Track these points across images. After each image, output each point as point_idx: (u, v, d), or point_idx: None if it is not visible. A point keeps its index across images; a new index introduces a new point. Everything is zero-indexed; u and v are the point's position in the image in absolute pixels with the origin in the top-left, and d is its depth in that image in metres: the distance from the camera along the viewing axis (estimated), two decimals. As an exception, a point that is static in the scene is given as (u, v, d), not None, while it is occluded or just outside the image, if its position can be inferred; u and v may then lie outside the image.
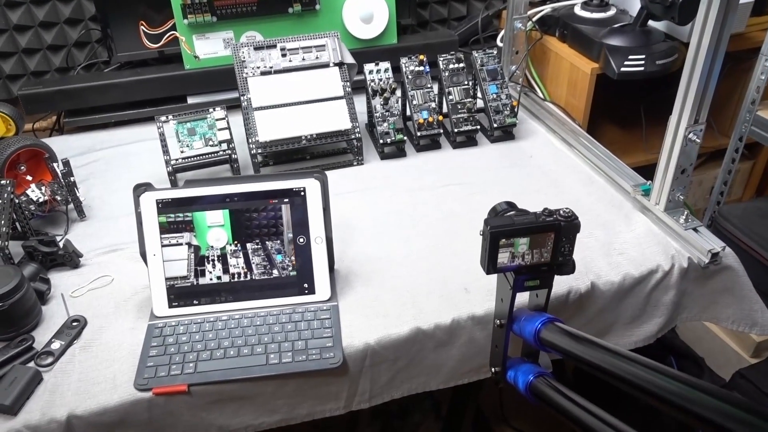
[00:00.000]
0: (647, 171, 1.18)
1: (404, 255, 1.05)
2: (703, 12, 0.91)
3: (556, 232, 0.76)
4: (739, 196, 1.87)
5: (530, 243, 0.76)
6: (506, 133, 1.38)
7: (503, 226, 0.74)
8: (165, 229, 0.93)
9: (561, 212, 0.77)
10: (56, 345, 0.89)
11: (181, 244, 0.93)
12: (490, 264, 0.76)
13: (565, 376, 1.49)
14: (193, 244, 0.94)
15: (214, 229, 0.94)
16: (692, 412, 0.56)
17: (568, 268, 0.81)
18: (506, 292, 0.81)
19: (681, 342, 1.51)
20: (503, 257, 0.76)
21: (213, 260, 0.94)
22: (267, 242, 0.95)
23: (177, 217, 0.93)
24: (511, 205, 0.82)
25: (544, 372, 0.82)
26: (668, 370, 0.61)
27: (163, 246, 0.93)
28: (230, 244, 0.94)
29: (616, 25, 1.43)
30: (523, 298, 0.85)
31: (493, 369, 0.89)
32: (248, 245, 0.95)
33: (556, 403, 0.75)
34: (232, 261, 0.94)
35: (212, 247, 0.94)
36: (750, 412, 0.53)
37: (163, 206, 0.93)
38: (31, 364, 0.87)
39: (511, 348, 0.86)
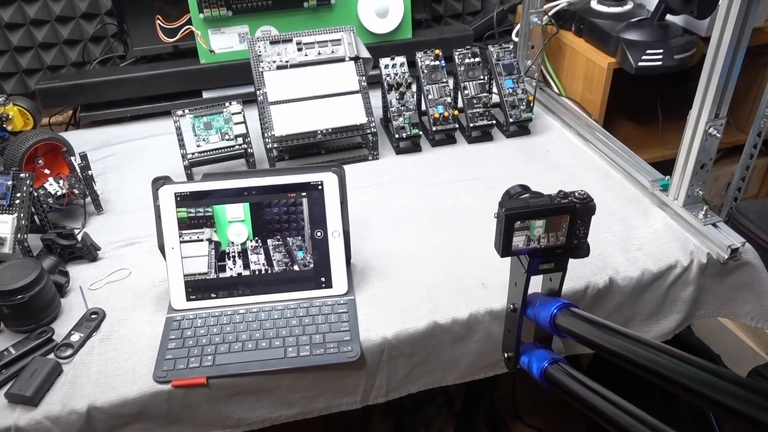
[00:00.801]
0: (664, 167, 1.17)
1: (420, 249, 1.04)
2: (725, 5, 0.90)
3: (571, 215, 0.75)
4: (756, 192, 1.85)
5: (546, 226, 0.75)
6: (522, 128, 1.37)
7: (518, 208, 0.73)
8: (185, 224, 0.93)
9: (576, 194, 0.76)
10: (75, 337, 0.90)
11: (201, 240, 0.94)
12: (504, 247, 0.75)
13: (579, 369, 1.48)
14: (213, 240, 0.94)
15: (235, 224, 0.94)
16: (713, 399, 0.56)
17: (583, 251, 0.80)
18: (520, 275, 0.80)
19: (696, 339, 1.49)
20: (518, 240, 0.75)
21: (234, 256, 0.94)
22: (288, 238, 0.95)
23: (198, 212, 0.93)
24: (524, 188, 0.81)
25: (558, 358, 0.81)
26: (690, 357, 0.60)
27: (183, 242, 0.93)
28: (251, 240, 0.94)
29: (633, 20, 1.42)
30: (536, 283, 0.84)
31: (506, 354, 0.89)
32: (269, 241, 0.95)
33: (572, 390, 0.74)
34: (252, 257, 0.94)
35: (233, 242, 0.94)
36: None
37: (182, 199, 0.93)
38: (51, 356, 0.88)
39: (524, 333, 0.86)
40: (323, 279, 0.95)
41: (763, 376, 1.31)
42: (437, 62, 1.32)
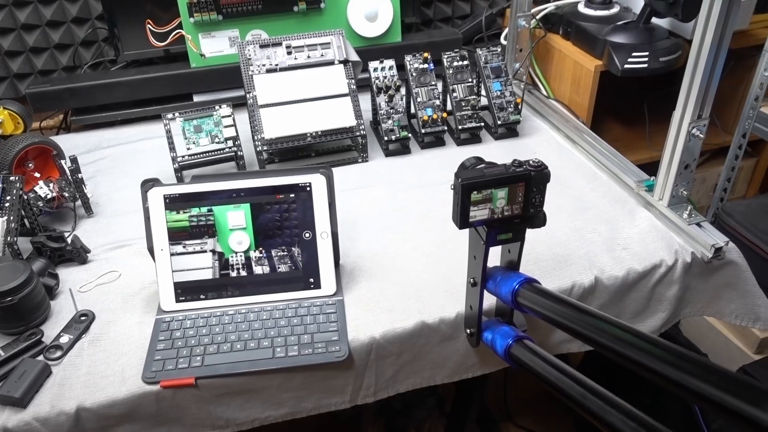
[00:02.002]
0: (651, 168, 1.19)
1: (409, 250, 1.05)
2: (706, 8, 0.92)
3: (527, 182, 0.76)
4: (743, 193, 1.87)
5: (500, 195, 0.75)
6: (510, 131, 1.38)
7: (474, 178, 0.74)
8: (187, 233, 0.94)
9: (530, 162, 0.77)
10: (65, 339, 0.90)
11: (205, 251, 0.94)
12: (462, 218, 0.76)
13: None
14: (217, 250, 0.94)
15: (236, 232, 0.95)
16: (664, 375, 0.57)
17: (539, 220, 0.80)
18: (479, 247, 0.80)
19: (684, 338, 1.51)
20: (475, 211, 0.75)
21: (238, 268, 0.95)
22: (292, 247, 0.96)
23: (200, 221, 0.94)
24: (479, 159, 0.82)
25: (523, 336, 0.82)
26: (648, 336, 0.61)
27: (187, 253, 0.94)
28: (254, 250, 0.95)
29: (619, 23, 1.43)
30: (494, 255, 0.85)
31: (468, 330, 0.89)
32: (273, 250, 0.95)
33: (535, 369, 0.75)
34: (257, 269, 0.95)
35: (235, 252, 0.95)
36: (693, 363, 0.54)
37: (171, 201, 0.94)
38: (40, 357, 0.88)
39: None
40: (312, 280, 0.96)
41: (750, 374, 1.32)
42: (426, 65, 1.33)
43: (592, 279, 0.99)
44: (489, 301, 0.89)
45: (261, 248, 0.95)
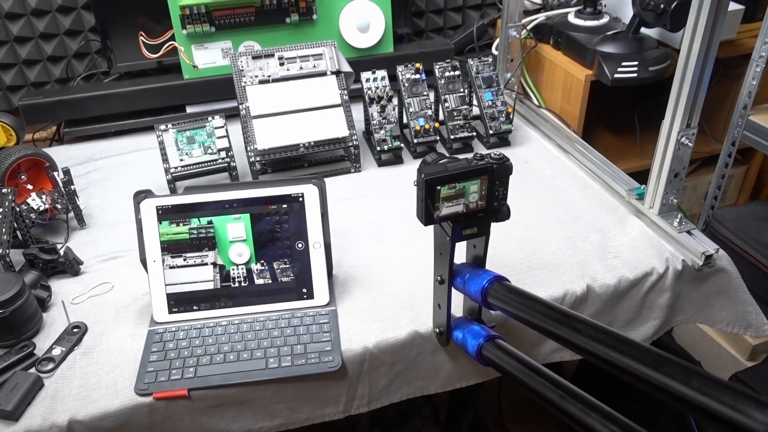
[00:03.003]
0: (642, 176, 1.20)
1: (402, 260, 1.06)
2: (693, 19, 0.93)
3: (490, 175, 0.76)
4: (734, 200, 1.88)
5: (472, 189, 0.75)
6: (502, 140, 1.39)
7: (437, 173, 0.74)
8: (187, 245, 0.94)
9: (492, 155, 0.77)
10: (57, 351, 0.90)
11: (206, 264, 0.94)
12: (427, 215, 0.75)
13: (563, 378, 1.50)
14: (218, 263, 0.95)
15: (236, 244, 0.95)
16: (631, 372, 0.57)
17: (503, 213, 0.81)
18: (445, 244, 0.80)
19: (677, 345, 1.51)
20: (439, 207, 0.76)
21: (240, 280, 0.95)
22: (286, 258, 0.96)
23: (200, 233, 0.94)
24: (441, 155, 0.82)
25: (495, 335, 0.82)
26: (621, 335, 0.62)
27: (188, 266, 0.94)
28: (255, 263, 0.95)
29: (609, 33, 1.45)
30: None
31: (437, 329, 0.89)
32: (275, 263, 0.96)
33: (507, 368, 0.76)
34: (259, 281, 0.96)
35: (236, 264, 0.95)
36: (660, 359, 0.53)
37: (163, 213, 0.94)
38: (32, 370, 0.88)
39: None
40: (305, 290, 0.96)
41: (743, 381, 1.33)
42: (418, 75, 1.34)
43: (584, 287, 0.99)
44: (458, 298, 0.88)
45: (262, 260, 0.95)
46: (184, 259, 0.94)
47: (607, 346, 0.60)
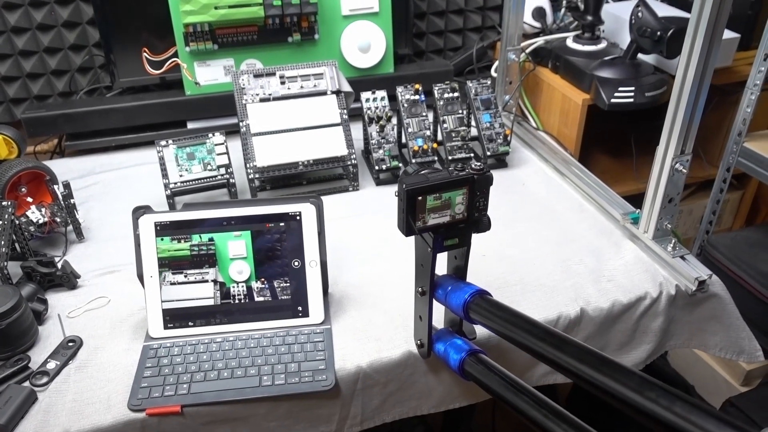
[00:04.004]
0: (639, 199, 1.20)
1: (398, 279, 1.06)
2: (687, 47, 0.95)
3: (470, 186, 0.77)
4: (729, 225, 1.89)
5: (458, 200, 0.76)
6: (499, 161, 1.40)
7: (418, 183, 0.74)
8: (188, 262, 0.95)
9: (472, 166, 0.78)
10: (52, 365, 0.90)
11: (206, 281, 0.95)
12: (408, 225, 0.76)
13: (557, 401, 1.50)
14: (218, 280, 0.95)
15: (237, 261, 0.96)
16: (614, 394, 0.57)
17: (484, 225, 0.81)
18: (426, 255, 0.80)
19: (672, 369, 1.52)
20: (425, 218, 0.76)
21: (240, 298, 0.96)
22: (291, 279, 0.97)
23: (201, 250, 0.94)
24: (422, 166, 0.83)
25: (477, 350, 0.82)
26: (601, 355, 0.61)
27: (189, 282, 0.95)
28: (255, 281, 0.96)
29: (606, 58, 1.47)
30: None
31: (418, 341, 0.89)
32: (275, 281, 0.96)
33: (488, 384, 0.75)
34: (258, 299, 0.96)
35: (236, 282, 0.96)
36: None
37: (161, 229, 0.94)
38: (26, 383, 0.88)
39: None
40: (300, 308, 0.97)
41: (736, 407, 1.33)
42: (417, 96, 1.35)
43: (578, 310, 1.00)
44: (439, 308, 0.88)
45: (262, 278, 0.96)
46: (185, 276, 0.95)
47: (590, 366, 0.60)
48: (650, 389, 0.53)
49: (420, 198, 0.74)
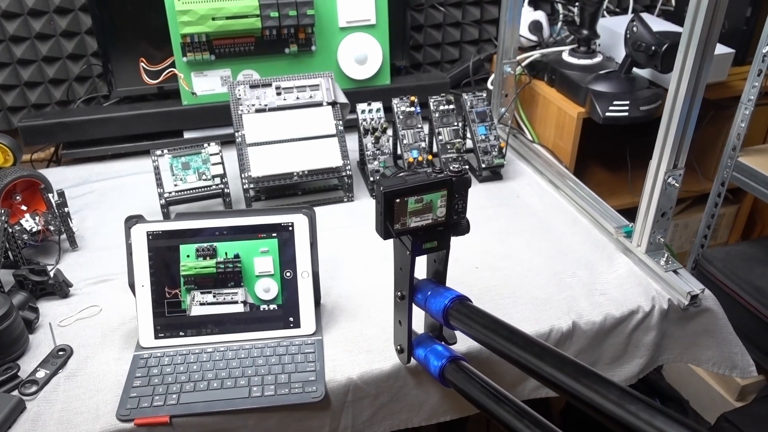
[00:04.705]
0: (633, 213, 1.21)
1: (390, 290, 1.05)
2: (680, 61, 0.95)
3: (449, 189, 0.76)
4: (725, 239, 1.89)
5: (439, 203, 0.75)
6: (494, 174, 1.41)
7: (395, 185, 0.74)
8: (212, 280, 0.95)
9: (451, 168, 0.78)
10: (41, 374, 0.90)
11: (236, 302, 0.95)
12: (386, 229, 0.75)
13: (551, 416, 1.49)
14: (248, 302, 0.95)
15: (263, 279, 0.96)
16: (593, 406, 0.56)
17: (463, 228, 0.81)
18: (405, 258, 0.80)
19: (666, 384, 1.51)
20: (402, 221, 0.75)
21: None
22: (283, 289, 0.97)
23: (227, 267, 0.94)
24: (400, 168, 0.83)
25: (458, 356, 0.82)
26: (582, 366, 0.60)
27: (217, 303, 0.95)
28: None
29: (602, 72, 1.47)
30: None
31: (398, 346, 0.89)
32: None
33: (468, 392, 0.75)
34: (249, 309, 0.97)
35: (264, 301, 0.96)
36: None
37: (154, 238, 0.95)
38: (15, 392, 0.88)
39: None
40: (291, 319, 0.97)
41: (730, 422, 1.32)
42: (413, 108, 1.36)
43: (569, 324, 1.00)
44: (419, 312, 0.88)
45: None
46: (214, 296, 0.96)
47: (570, 377, 0.59)
48: (631, 402, 0.52)
49: (398, 200, 0.74)
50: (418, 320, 0.91)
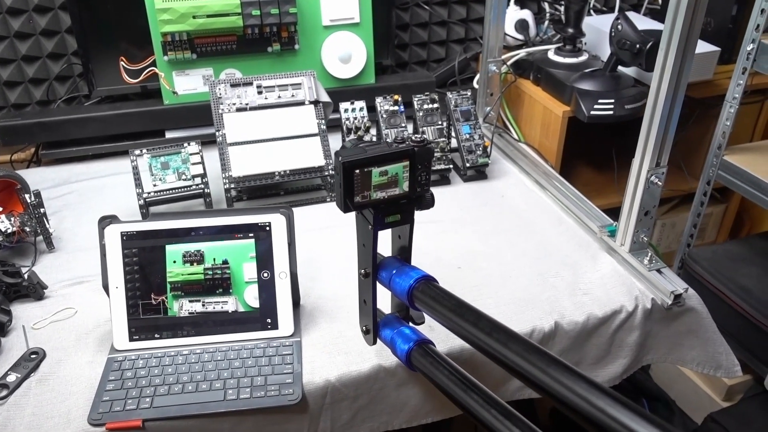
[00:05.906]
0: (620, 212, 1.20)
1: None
2: (661, 59, 0.94)
3: (411, 159, 0.74)
4: (713, 238, 1.89)
5: (404, 174, 0.73)
6: (479, 173, 1.39)
7: (355, 156, 0.71)
8: (200, 287, 0.93)
9: (413, 138, 0.75)
10: (12, 378, 0.88)
11: (226, 312, 0.94)
12: (346, 201, 0.72)
13: (537, 418, 1.48)
14: (239, 310, 0.94)
15: (252, 285, 0.94)
16: (553, 394, 0.55)
17: (426, 201, 0.78)
18: (367, 233, 0.77)
19: (653, 384, 1.50)
20: (360, 193, 0.73)
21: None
22: (260, 290, 0.96)
23: (215, 273, 0.93)
24: (360, 139, 0.81)
25: (425, 339, 0.80)
26: (551, 355, 0.59)
27: (208, 312, 0.93)
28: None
29: (587, 70, 1.46)
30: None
31: (363, 327, 0.86)
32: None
33: (434, 377, 0.73)
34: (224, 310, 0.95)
35: (253, 308, 0.94)
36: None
37: (128, 239, 0.93)
38: (-15, 397, 0.86)
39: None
40: (269, 320, 0.95)
41: (717, 422, 1.32)
42: (396, 107, 1.35)
43: (552, 324, 0.98)
44: (385, 293, 0.86)
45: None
46: (203, 305, 0.94)
47: (536, 367, 0.57)
48: (599, 396, 0.51)
49: (358, 171, 0.71)
50: (385, 301, 0.89)
